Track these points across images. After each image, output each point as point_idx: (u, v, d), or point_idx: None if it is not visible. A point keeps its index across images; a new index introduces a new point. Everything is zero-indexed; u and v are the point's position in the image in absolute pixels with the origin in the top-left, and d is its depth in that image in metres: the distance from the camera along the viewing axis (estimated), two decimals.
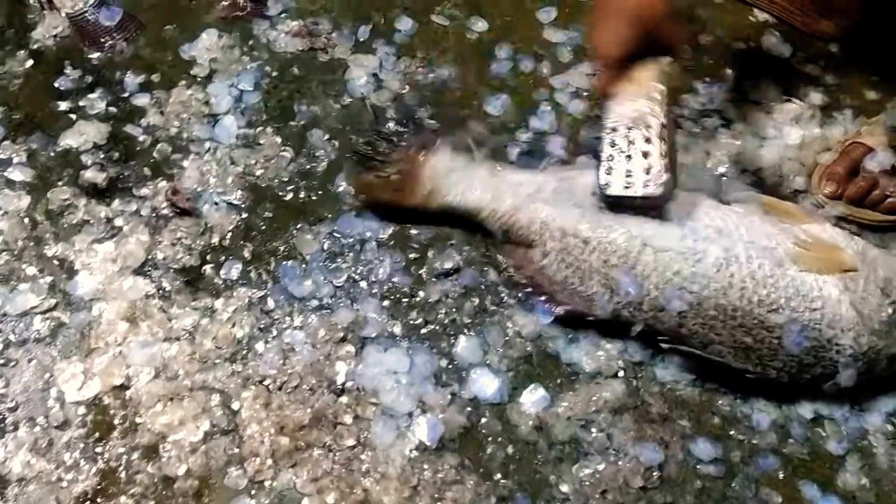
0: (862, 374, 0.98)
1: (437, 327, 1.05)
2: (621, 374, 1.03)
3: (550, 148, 1.18)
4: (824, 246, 1.01)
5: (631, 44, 0.96)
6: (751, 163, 1.21)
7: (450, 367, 1.02)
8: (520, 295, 1.06)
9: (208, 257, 1.07)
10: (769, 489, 0.97)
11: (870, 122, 1.23)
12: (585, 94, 1.27)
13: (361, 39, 1.28)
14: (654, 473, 0.96)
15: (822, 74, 1.34)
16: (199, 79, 1.21)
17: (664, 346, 1.01)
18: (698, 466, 0.98)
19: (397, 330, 1.04)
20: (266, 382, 0.98)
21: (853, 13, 1.36)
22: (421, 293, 1.06)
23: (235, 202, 1.11)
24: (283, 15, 1.29)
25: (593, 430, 0.98)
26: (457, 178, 1.09)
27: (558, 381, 1.02)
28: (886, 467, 1.00)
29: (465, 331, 1.04)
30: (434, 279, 1.08)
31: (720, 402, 1.02)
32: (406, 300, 1.06)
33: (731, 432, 1.00)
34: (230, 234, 1.09)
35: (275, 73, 1.23)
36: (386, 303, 1.05)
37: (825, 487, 0.98)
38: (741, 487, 0.97)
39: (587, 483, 0.95)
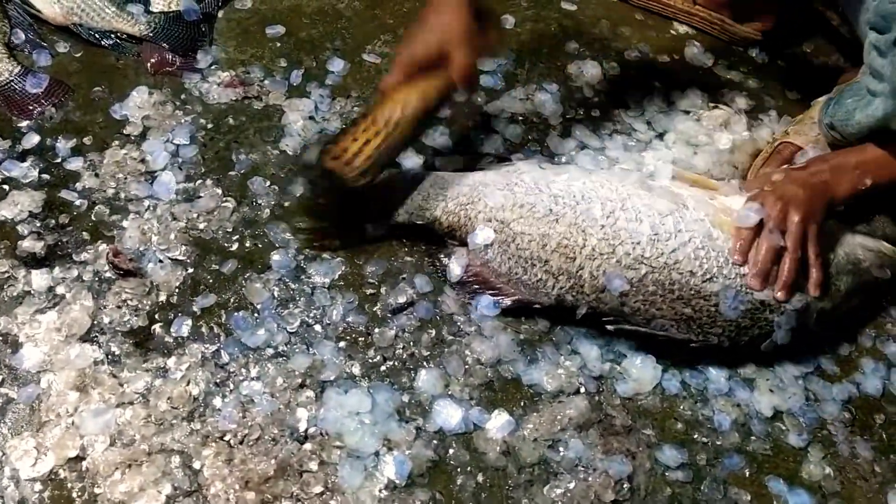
0: (795, 330, 1.02)
1: (396, 363, 1.04)
2: (582, 389, 1.03)
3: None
4: None
5: (424, 58, 1.03)
6: (685, 170, 1.24)
7: (412, 401, 1.01)
8: (468, 292, 1.07)
9: (156, 316, 1.05)
10: (737, 488, 0.98)
11: (796, 122, 1.28)
12: (521, 118, 1.29)
13: (294, 84, 1.28)
14: (625, 485, 0.96)
15: (745, 79, 1.39)
16: (132, 137, 1.20)
17: (609, 327, 1.04)
18: (667, 473, 0.98)
19: (356, 370, 1.03)
20: (227, 438, 0.96)
21: (769, 17, 1.42)
22: (377, 331, 1.06)
23: (180, 258, 1.09)
24: (213, 67, 1.29)
25: (561, 448, 0.99)
26: (401, 191, 1.12)
27: (521, 403, 1.02)
28: (848, 455, 1.02)
29: (425, 363, 1.04)
30: (389, 315, 1.08)
31: (681, 407, 1.04)
32: (363, 339, 1.05)
33: (695, 436, 1.02)
34: (177, 290, 1.07)
35: (210, 125, 1.23)
36: (342, 344, 1.05)
37: (791, 481, 0.99)
38: (710, 490, 0.98)
39: (559, 503, 0.95)
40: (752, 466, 1.00)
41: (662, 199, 1.05)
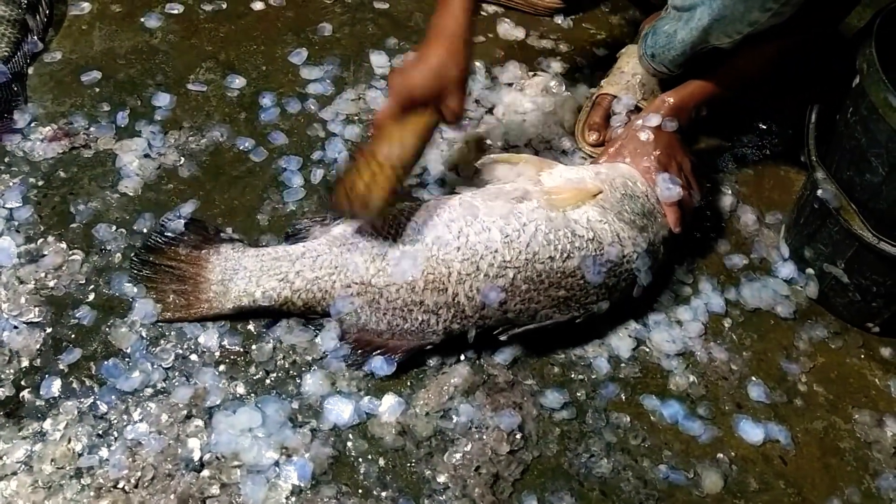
0: (652, 267, 1.10)
1: (280, 373, 1.05)
2: (462, 357, 1.08)
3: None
4: (569, 184, 1.11)
5: (421, 97, 1.04)
6: (519, 138, 1.32)
7: (302, 406, 1.02)
8: (356, 360, 1.05)
9: (23, 382, 1.01)
10: (617, 413, 1.06)
11: (608, 75, 1.38)
12: (356, 118, 1.33)
13: (122, 125, 1.27)
14: (517, 435, 1.02)
15: (556, 45, 1.49)
16: None
17: (502, 337, 1.06)
18: (553, 415, 1.05)
19: (241, 389, 1.03)
20: (120, 485, 0.94)
21: None
22: (254, 347, 1.07)
23: (35, 319, 1.06)
24: (33, 124, 1.26)
25: (452, 416, 1.03)
26: (242, 275, 1.07)
27: (408, 383, 1.06)
28: (706, 360, 1.12)
29: (307, 367, 1.06)
30: (263, 329, 1.08)
31: (555, 352, 1.10)
32: (241, 358, 1.06)
33: (572, 375, 1.09)
34: (39, 352, 1.04)
35: (41, 182, 1.19)
36: (222, 367, 1.05)
37: (662, 395, 1.08)
38: (594, 420, 1.05)
39: (460, 466, 0.99)
40: (626, 391, 1.08)
41: (496, 201, 1.07)
